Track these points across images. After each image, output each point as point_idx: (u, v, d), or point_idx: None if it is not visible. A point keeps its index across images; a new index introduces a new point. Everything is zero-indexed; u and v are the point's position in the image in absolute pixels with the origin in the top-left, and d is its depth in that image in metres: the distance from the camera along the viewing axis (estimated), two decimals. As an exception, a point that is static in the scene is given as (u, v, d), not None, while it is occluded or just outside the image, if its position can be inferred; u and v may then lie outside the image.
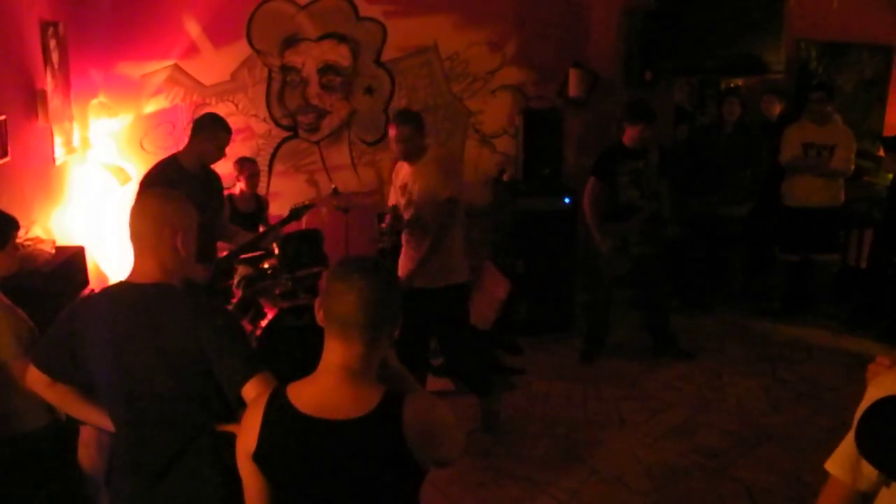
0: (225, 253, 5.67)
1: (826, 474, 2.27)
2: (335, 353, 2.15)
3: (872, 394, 2.06)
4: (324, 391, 2.15)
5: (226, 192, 6.32)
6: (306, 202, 6.04)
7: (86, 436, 4.07)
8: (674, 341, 6.96)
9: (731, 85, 8.06)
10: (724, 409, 6.08)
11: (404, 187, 5.32)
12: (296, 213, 5.88)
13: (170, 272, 2.69)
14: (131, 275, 2.71)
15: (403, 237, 5.43)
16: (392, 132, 5.22)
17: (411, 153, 5.21)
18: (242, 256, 5.96)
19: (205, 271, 5.01)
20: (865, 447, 2.03)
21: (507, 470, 5.21)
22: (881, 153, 8.03)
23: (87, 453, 4.13)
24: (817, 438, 5.69)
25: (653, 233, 6.60)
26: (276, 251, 5.97)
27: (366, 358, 2.15)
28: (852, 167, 7.52)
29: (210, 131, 5.11)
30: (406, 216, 5.30)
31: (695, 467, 5.28)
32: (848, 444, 2.20)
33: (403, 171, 5.38)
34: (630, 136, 6.48)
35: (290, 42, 7.52)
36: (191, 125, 5.30)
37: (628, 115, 6.54)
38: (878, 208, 7.87)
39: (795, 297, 7.96)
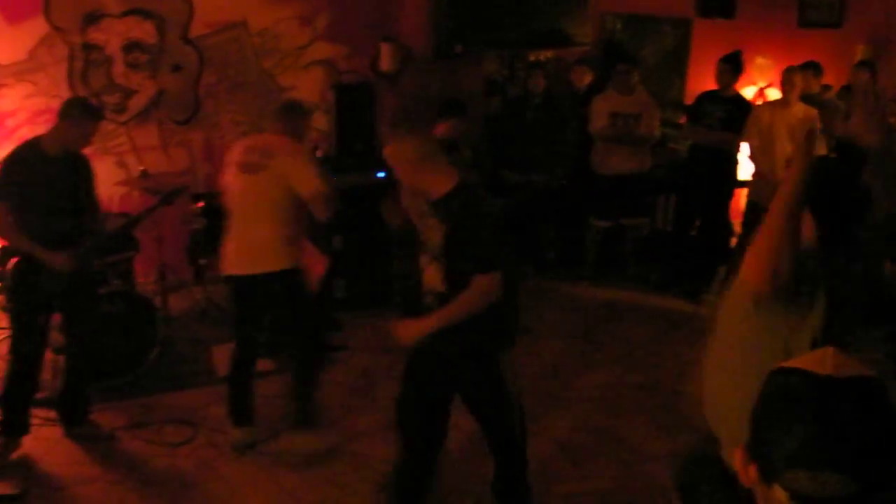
0: None
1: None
2: None
3: None
4: None
5: None
6: (178, 186, 5.98)
7: None
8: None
9: (538, 58, 8.22)
10: (541, 374, 6.22)
11: None
12: (167, 198, 5.75)
13: None
14: None
15: None
16: None
17: None
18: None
19: (63, 259, 4.80)
20: None
21: (331, 445, 5.19)
22: (682, 121, 8.36)
23: None
24: (629, 396, 5.93)
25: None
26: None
27: None
28: (657, 134, 7.83)
29: (74, 118, 4.84)
30: None
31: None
32: None
33: None
34: (441, 130, 6.55)
35: (92, 18, 7.11)
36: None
37: (439, 112, 6.70)
38: (681, 174, 8.21)
39: (607, 261, 8.23)
